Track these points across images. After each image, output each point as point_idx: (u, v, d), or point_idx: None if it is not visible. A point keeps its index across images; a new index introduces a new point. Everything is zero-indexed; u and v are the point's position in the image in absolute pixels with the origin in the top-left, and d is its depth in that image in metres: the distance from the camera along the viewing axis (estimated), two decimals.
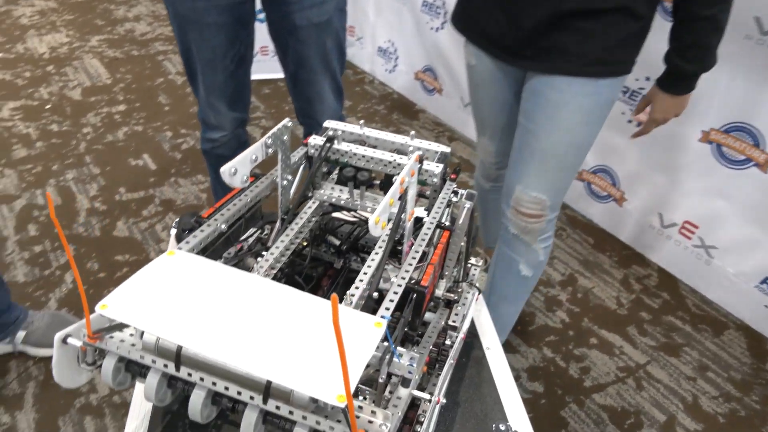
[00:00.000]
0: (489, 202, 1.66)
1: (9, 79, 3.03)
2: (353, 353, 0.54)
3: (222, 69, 1.44)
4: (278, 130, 0.76)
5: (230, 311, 0.58)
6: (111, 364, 0.62)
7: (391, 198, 0.65)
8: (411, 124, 2.84)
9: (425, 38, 2.69)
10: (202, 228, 0.70)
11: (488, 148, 1.48)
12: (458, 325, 0.82)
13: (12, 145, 2.51)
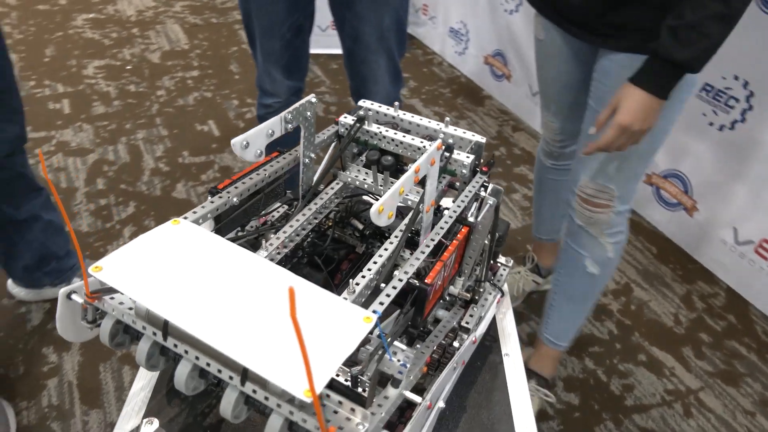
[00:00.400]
0: (547, 183, 1.59)
1: (97, 38, 3.19)
2: (333, 346, 0.52)
3: (279, 36, 1.44)
4: (300, 105, 0.74)
5: (221, 289, 0.57)
6: (108, 325, 0.63)
7: (402, 186, 0.61)
8: (475, 110, 2.75)
9: (498, 20, 2.58)
10: (212, 199, 0.69)
11: (551, 124, 1.42)
12: (471, 327, 0.77)
13: (93, 101, 2.65)
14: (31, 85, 2.72)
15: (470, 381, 0.85)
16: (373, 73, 1.50)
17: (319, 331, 0.54)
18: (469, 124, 2.64)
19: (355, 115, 0.86)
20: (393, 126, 0.88)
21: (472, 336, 0.75)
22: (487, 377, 0.85)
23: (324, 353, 0.51)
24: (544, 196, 1.63)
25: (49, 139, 2.38)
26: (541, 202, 1.66)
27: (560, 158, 1.50)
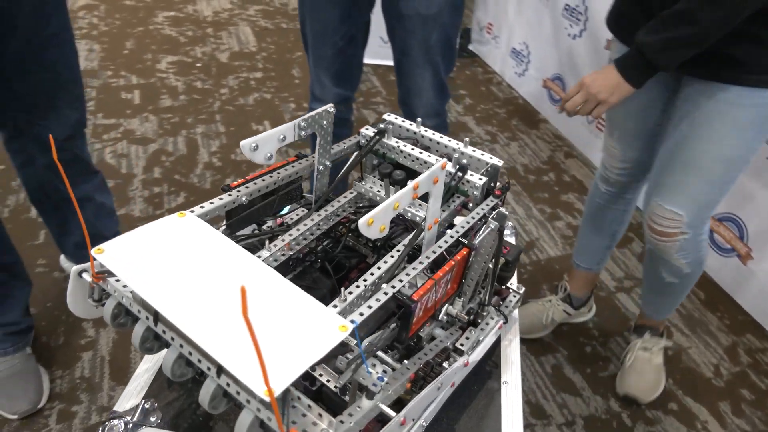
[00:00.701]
0: (597, 208, 1.55)
1: (174, 35, 3.37)
2: (303, 350, 0.53)
3: (331, 44, 1.48)
4: (317, 114, 0.76)
5: (210, 284, 0.59)
6: (111, 306, 0.67)
7: (397, 201, 0.61)
8: (529, 132, 2.70)
9: (560, 44, 2.54)
10: (222, 197, 0.72)
11: (614, 151, 1.41)
12: (465, 349, 0.76)
13: (161, 94, 2.79)
14: (108, 75, 2.90)
15: (464, 405, 0.84)
16: (418, 86, 1.52)
17: (294, 334, 0.55)
18: (521, 146, 2.61)
19: (376, 127, 0.88)
20: (414, 142, 0.89)
21: (464, 358, 0.74)
22: (482, 403, 0.84)
23: (293, 356, 0.52)
24: (592, 223, 1.60)
25: (117, 127, 2.53)
26: (587, 229, 1.63)
27: (616, 186, 1.48)
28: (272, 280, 0.60)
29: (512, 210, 2.24)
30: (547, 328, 1.73)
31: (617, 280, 1.97)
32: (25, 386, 1.45)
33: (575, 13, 2.41)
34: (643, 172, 1.43)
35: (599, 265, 1.67)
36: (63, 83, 1.32)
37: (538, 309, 1.73)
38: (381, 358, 0.72)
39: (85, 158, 1.52)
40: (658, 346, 1.61)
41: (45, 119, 1.33)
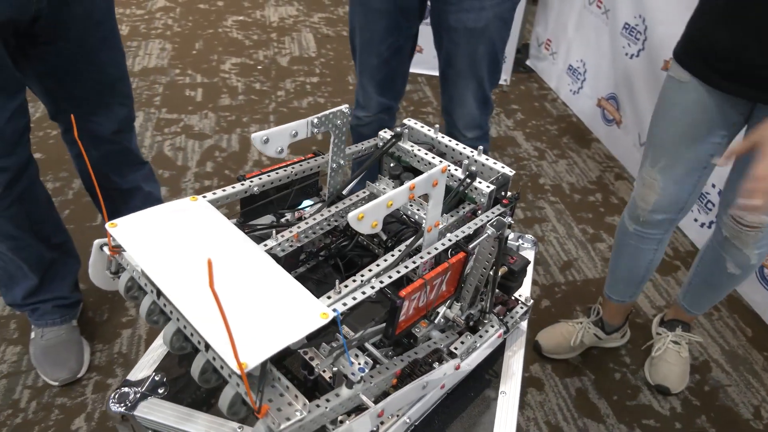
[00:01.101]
0: (627, 247, 1.48)
1: (240, 38, 3.52)
2: (282, 331, 0.56)
3: (377, 54, 1.52)
4: (331, 113, 0.79)
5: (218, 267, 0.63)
6: (125, 279, 0.72)
7: (390, 200, 0.64)
8: (579, 151, 2.65)
9: (617, 63, 2.48)
10: (234, 185, 0.77)
11: (653, 183, 1.30)
12: (459, 353, 0.77)
13: (221, 93, 2.93)
14: (176, 73, 3.07)
15: (458, 411, 0.84)
16: (461, 96, 1.53)
17: (276, 316, 0.58)
18: (569, 164, 2.56)
19: (393, 131, 0.90)
20: (430, 147, 0.91)
21: (456, 361, 0.75)
22: (476, 411, 0.84)
23: (271, 335, 0.55)
24: (622, 260, 1.53)
25: (178, 121, 2.67)
26: (617, 265, 1.56)
27: (646, 225, 1.38)
28: (266, 265, 0.64)
29: (552, 228, 2.20)
30: (575, 350, 1.69)
31: (657, 308, 1.89)
32: (67, 356, 1.56)
33: (634, 32, 2.35)
34: (678, 212, 1.34)
35: (633, 297, 1.61)
36: (112, 82, 1.41)
37: (567, 330, 1.69)
38: (371, 353, 0.74)
39: (133, 150, 1.61)
40: (686, 340, 1.65)
41: (96, 115, 1.42)
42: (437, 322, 0.79)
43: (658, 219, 1.35)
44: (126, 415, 0.82)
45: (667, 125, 1.25)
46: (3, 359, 1.60)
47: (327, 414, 0.61)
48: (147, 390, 0.84)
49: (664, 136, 1.26)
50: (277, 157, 0.75)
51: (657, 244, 1.43)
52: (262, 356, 0.53)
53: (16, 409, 1.48)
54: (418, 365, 0.71)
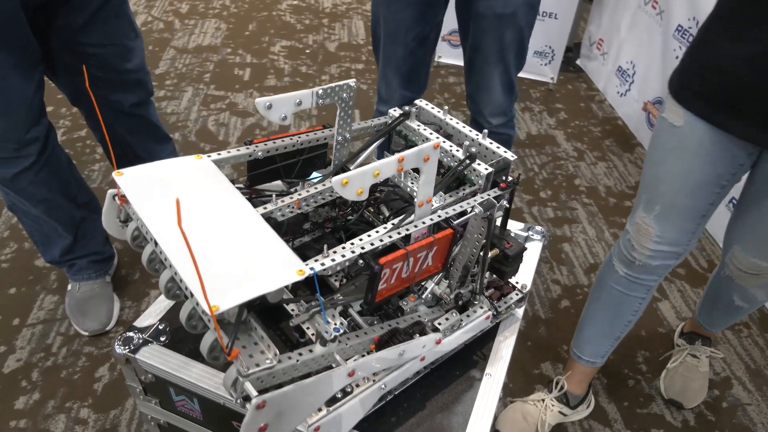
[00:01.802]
0: (611, 294, 1.30)
1: (293, 22, 3.59)
2: (257, 281, 0.59)
3: (403, 45, 1.52)
4: (337, 86, 0.81)
5: (205, 219, 0.67)
6: (131, 228, 0.77)
7: (377, 170, 0.66)
8: (621, 155, 2.58)
9: (667, 66, 2.40)
10: (239, 148, 0.80)
11: (648, 229, 1.16)
12: (442, 328, 0.79)
13: (268, 74, 3.00)
14: (227, 52, 3.17)
15: (442, 387, 0.86)
16: (487, 83, 1.52)
17: (254, 268, 0.61)
18: (609, 167, 2.50)
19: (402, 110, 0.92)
20: (437, 128, 0.92)
21: (438, 335, 0.77)
22: (460, 388, 0.86)
23: (246, 284, 0.59)
24: (602, 309, 1.35)
25: (224, 98, 2.76)
26: (594, 315, 1.37)
27: (641, 271, 1.22)
28: (253, 221, 0.67)
29: (582, 229, 2.17)
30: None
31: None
32: (98, 309, 1.66)
33: (687, 35, 2.27)
34: (677, 258, 1.20)
35: (603, 359, 1.41)
36: (125, 54, 1.44)
37: (528, 412, 1.45)
38: (353, 318, 0.76)
39: (154, 123, 1.65)
40: (706, 354, 1.60)
41: (115, 93, 1.48)
42: (425, 297, 0.81)
43: (655, 265, 1.20)
44: (129, 357, 0.88)
45: (658, 174, 1.12)
46: (41, 307, 1.71)
47: (298, 367, 0.64)
48: (150, 336, 0.90)
49: (656, 184, 1.13)
50: (281, 123, 0.78)
51: (646, 292, 1.27)
52: (234, 301, 0.56)
53: (48, 353, 1.59)
54: (398, 334, 0.73)
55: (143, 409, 0.98)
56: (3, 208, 2.02)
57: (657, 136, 1.12)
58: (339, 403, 0.70)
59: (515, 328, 0.95)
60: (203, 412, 0.90)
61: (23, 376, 1.53)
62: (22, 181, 1.39)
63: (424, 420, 0.81)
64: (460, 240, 0.78)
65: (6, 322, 1.66)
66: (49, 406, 1.46)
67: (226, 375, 0.61)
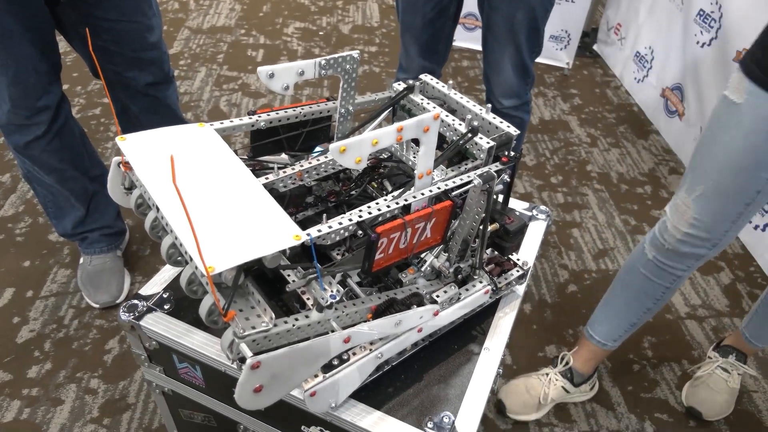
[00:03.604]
0: (637, 278, 1.28)
1: (306, 4, 3.58)
2: (253, 245, 0.60)
3: (421, 15, 1.52)
4: (340, 57, 0.81)
5: (206, 185, 0.68)
6: (135, 195, 0.78)
7: (376, 138, 0.66)
8: (635, 141, 2.55)
9: (687, 52, 2.36)
10: (242, 118, 0.81)
11: (686, 210, 1.13)
12: (440, 300, 0.79)
13: (281, 55, 3.00)
14: (241, 33, 3.17)
15: (440, 360, 0.86)
16: (498, 62, 1.51)
17: (252, 232, 0.62)
18: (622, 154, 2.47)
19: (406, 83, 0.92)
20: (441, 103, 0.92)
21: (435, 307, 0.77)
22: (458, 361, 0.86)
23: (243, 247, 0.59)
24: (624, 291, 1.33)
25: (236, 79, 2.77)
26: (614, 297, 1.36)
27: (670, 256, 1.19)
28: (252, 188, 0.68)
29: (593, 215, 2.15)
30: (542, 408, 1.47)
31: (691, 307, 1.82)
32: (109, 282, 1.69)
33: (708, 19, 2.22)
34: (711, 248, 1.15)
35: (615, 343, 1.40)
36: (141, 31, 1.43)
37: (532, 385, 1.46)
38: (351, 288, 0.77)
39: (170, 105, 1.63)
40: (738, 371, 1.54)
41: (131, 71, 1.47)
42: (424, 270, 0.82)
43: (685, 251, 1.16)
44: (133, 324, 0.90)
45: (712, 150, 1.08)
46: (54, 280, 1.74)
47: (294, 332, 0.64)
48: (154, 304, 0.91)
49: (706, 161, 1.09)
50: (282, 93, 0.78)
51: (672, 282, 1.24)
52: (230, 263, 0.57)
53: (60, 325, 1.62)
54: (396, 304, 0.74)
55: (148, 377, 1.00)
56: (19, 182, 2.05)
57: (714, 115, 1.09)
58: (335, 370, 0.71)
59: (516, 305, 0.95)
60: (206, 380, 0.91)
61: (36, 347, 1.56)
62: (35, 148, 1.42)
63: (420, 391, 0.82)
64: (459, 213, 0.78)
65: (20, 293, 1.70)
66: (60, 376, 1.49)
67: (223, 337, 0.62)
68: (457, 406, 0.80)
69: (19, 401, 1.43)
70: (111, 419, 1.41)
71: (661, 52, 2.59)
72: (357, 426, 0.77)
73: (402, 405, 0.80)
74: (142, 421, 1.41)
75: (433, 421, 0.77)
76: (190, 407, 1.02)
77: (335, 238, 0.69)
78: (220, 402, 0.93)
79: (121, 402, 1.44)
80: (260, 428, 0.92)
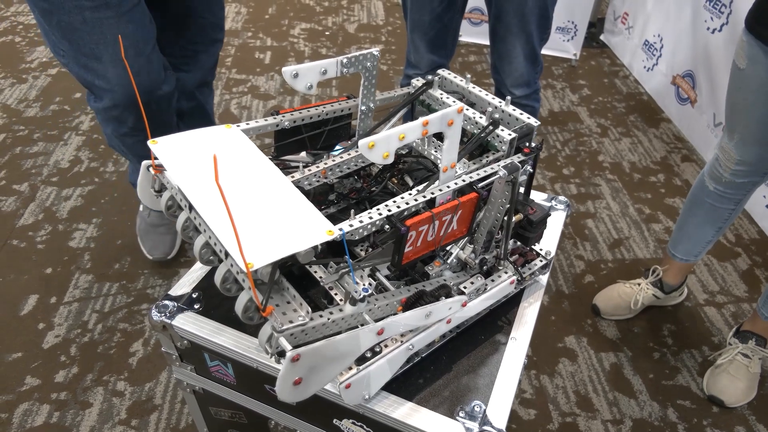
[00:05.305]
0: (702, 206, 1.47)
1: (312, 5, 3.59)
2: (288, 241, 0.61)
3: (429, 10, 1.53)
4: (361, 55, 0.82)
5: (235, 182, 0.70)
6: (166, 197, 0.80)
7: (403, 133, 0.67)
8: (646, 130, 2.55)
9: (697, 38, 2.35)
10: (266, 118, 0.82)
11: (731, 153, 1.32)
12: (467, 291, 0.80)
13: (288, 56, 3.02)
14: (248, 36, 3.19)
15: (468, 351, 0.88)
16: (509, 52, 1.52)
17: (287, 229, 0.63)
18: (633, 143, 2.47)
19: (425, 79, 0.93)
20: (460, 97, 0.93)
21: (463, 298, 0.78)
22: (485, 352, 0.87)
23: (280, 244, 0.61)
24: (694, 218, 1.51)
25: (246, 82, 2.79)
26: (687, 222, 1.54)
27: (728, 186, 1.38)
28: (284, 185, 0.69)
29: (606, 205, 2.15)
30: (633, 311, 1.69)
31: (709, 293, 1.82)
32: (164, 238, 1.79)
33: (719, 4, 2.21)
34: (763, 175, 1.34)
35: (698, 257, 1.58)
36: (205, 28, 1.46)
37: (625, 291, 1.68)
38: (381, 281, 0.78)
39: (208, 111, 1.68)
40: (759, 356, 1.57)
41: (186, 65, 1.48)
42: (450, 262, 0.83)
43: (740, 182, 1.34)
44: (165, 324, 0.91)
45: (733, 106, 1.24)
46: (76, 286, 1.77)
47: (329, 325, 0.66)
48: (184, 304, 0.93)
49: (732, 114, 1.25)
50: (306, 92, 0.79)
51: (735, 204, 1.41)
52: (268, 259, 0.58)
53: (85, 329, 1.65)
54: (425, 296, 0.75)
55: (179, 376, 1.02)
56: (37, 191, 2.08)
57: (730, 76, 1.23)
58: (368, 362, 0.72)
59: (539, 294, 0.96)
60: (237, 377, 0.93)
61: (62, 352, 1.59)
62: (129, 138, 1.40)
63: (450, 382, 0.83)
64: (484, 205, 0.79)
65: (44, 300, 1.72)
66: (87, 380, 1.52)
67: (261, 332, 0.64)
68: (487, 395, 0.81)
69: (49, 405, 1.46)
70: (139, 420, 1.43)
71: (670, 40, 2.58)
72: (390, 417, 0.78)
73: (433, 395, 0.81)
74: (170, 421, 1.43)
75: (464, 410, 0.78)
76: (220, 405, 1.04)
77: (363, 233, 0.70)
78: (252, 398, 0.95)
79: (148, 403, 1.47)
80: (292, 423, 0.93)
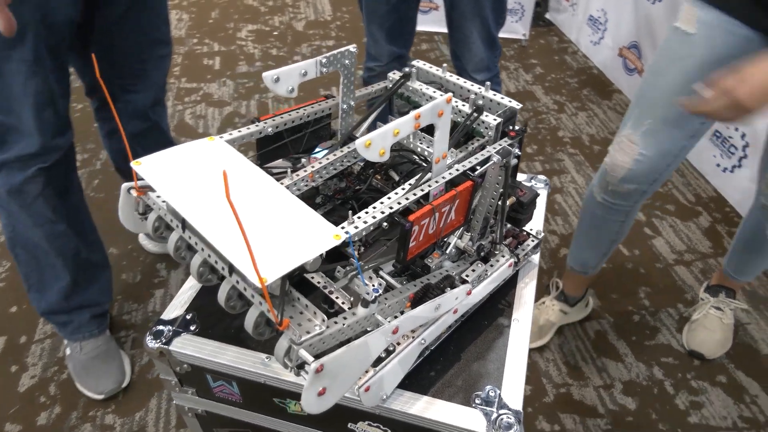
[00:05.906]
0: (593, 220, 1.38)
1: (256, 5, 3.53)
2: (296, 251, 0.60)
3: (385, 1, 1.52)
4: (339, 52, 0.81)
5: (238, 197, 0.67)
6: (152, 218, 0.76)
7: (397, 128, 0.66)
8: (600, 102, 2.62)
9: (639, 10, 2.42)
10: (249, 126, 0.80)
11: (632, 147, 1.16)
12: (470, 280, 0.81)
13: (238, 60, 2.96)
14: (193, 42, 3.11)
15: (473, 337, 0.88)
16: (467, 39, 1.53)
17: (292, 238, 0.62)
18: (589, 116, 2.53)
19: (402, 72, 0.92)
20: (439, 87, 0.93)
21: (468, 287, 0.79)
22: (490, 336, 0.88)
23: (288, 254, 0.59)
24: (587, 230, 1.45)
25: (197, 90, 2.72)
26: (581, 234, 1.48)
27: (615, 195, 1.27)
28: (281, 194, 0.68)
29: (572, 179, 2.20)
30: (547, 334, 1.60)
31: (677, 253, 1.90)
32: (110, 367, 1.51)
33: None
34: (651, 183, 1.22)
35: (595, 269, 1.53)
36: (152, 45, 1.39)
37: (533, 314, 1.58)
38: (386, 279, 0.78)
39: (164, 128, 1.60)
40: (730, 307, 1.62)
41: (135, 85, 1.42)
42: (449, 252, 0.83)
43: (628, 189, 1.23)
44: (163, 350, 0.88)
45: (661, 81, 1.11)
46: (46, 322, 1.69)
47: (344, 330, 0.65)
48: (180, 327, 0.90)
49: (656, 94, 1.12)
50: (288, 96, 0.78)
51: (624, 216, 1.33)
52: (280, 272, 0.57)
53: (61, 366, 1.58)
54: (431, 289, 0.75)
55: (179, 401, 0.99)
56: None
57: (663, 47, 1.13)
58: (384, 363, 0.72)
59: (534, 274, 0.97)
60: (242, 394, 0.91)
61: (40, 392, 1.52)
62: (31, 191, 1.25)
63: (461, 370, 0.83)
64: (479, 191, 0.79)
65: (12, 341, 1.64)
66: (72, 418, 1.46)
67: (278, 346, 0.62)
68: (499, 379, 0.82)
69: None
70: None
71: (613, 14, 2.65)
72: (408, 414, 0.78)
73: (447, 386, 0.81)
74: None
75: (480, 396, 0.78)
76: (225, 425, 1.02)
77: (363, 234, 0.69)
78: (260, 414, 0.93)
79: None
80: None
